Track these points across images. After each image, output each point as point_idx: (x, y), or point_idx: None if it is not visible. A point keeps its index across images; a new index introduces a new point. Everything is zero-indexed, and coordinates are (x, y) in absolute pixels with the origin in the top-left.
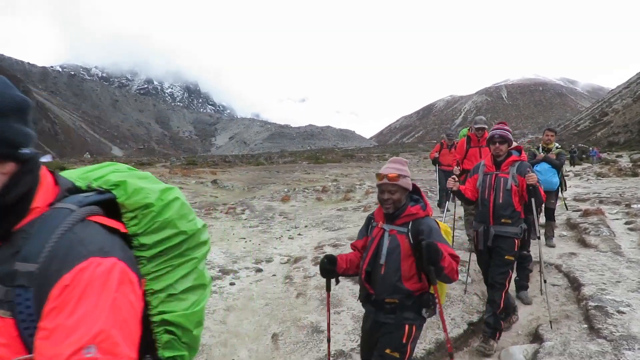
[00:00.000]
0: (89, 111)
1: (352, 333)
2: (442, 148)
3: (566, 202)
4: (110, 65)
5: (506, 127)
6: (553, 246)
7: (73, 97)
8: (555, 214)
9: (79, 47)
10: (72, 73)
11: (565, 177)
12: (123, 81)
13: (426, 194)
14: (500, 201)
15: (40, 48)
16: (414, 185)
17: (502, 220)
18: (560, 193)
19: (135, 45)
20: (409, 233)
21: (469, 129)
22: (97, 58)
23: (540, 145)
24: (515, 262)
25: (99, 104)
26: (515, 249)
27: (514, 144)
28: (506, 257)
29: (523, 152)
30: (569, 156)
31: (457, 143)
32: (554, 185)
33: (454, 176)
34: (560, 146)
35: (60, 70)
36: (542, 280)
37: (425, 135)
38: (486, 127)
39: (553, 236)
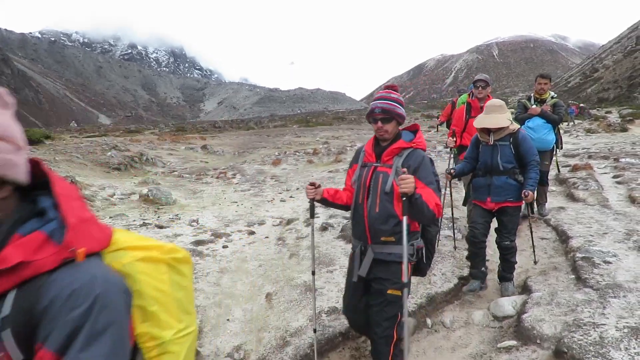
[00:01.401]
0: (73, 79)
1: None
2: (453, 108)
3: (559, 161)
4: (92, 30)
5: (394, 95)
6: (546, 215)
7: (55, 65)
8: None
9: (57, 12)
10: (53, 39)
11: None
12: (106, 47)
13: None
14: (377, 210)
15: (17, 13)
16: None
17: (382, 239)
18: (555, 151)
19: (115, 8)
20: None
21: (468, 95)
22: (76, 23)
23: (532, 95)
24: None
25: (83, 70)
26: (404, 278)
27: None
28: (389, 291)
29: (420, 133)
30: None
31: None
32: (548, 144)
33: (310, 184)
34: (556, 95)
35: (39, 36)
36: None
37: (416, 96)
38: (489, 83)
39: (546, 202)
